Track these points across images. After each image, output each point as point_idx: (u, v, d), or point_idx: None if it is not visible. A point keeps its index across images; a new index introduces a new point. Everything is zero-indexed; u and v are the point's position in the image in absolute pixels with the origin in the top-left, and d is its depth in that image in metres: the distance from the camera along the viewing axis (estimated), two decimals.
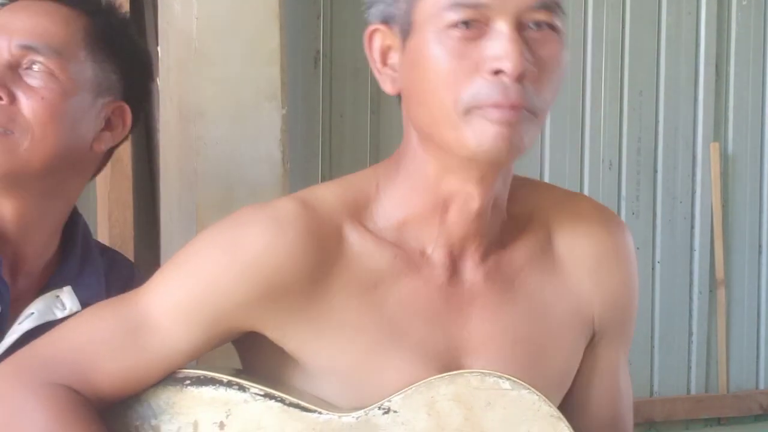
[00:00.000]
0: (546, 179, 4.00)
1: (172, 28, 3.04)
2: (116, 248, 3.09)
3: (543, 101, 1.21)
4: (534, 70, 1.18)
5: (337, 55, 3.64)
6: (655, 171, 4.20)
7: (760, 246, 4.39)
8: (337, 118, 3.71)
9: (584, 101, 4.07)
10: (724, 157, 4.30)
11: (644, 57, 4.14)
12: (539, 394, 1.22)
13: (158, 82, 3.13)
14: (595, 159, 4.10)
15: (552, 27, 1.21)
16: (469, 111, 1.19)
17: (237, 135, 3.04)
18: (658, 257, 4.21)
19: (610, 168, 4.12)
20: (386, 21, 1.27)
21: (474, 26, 1.19)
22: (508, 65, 1.17)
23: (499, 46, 1.18)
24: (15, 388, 1.22)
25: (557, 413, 1.22)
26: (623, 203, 4.15)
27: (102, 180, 3.14)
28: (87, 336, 1.26)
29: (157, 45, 3.13)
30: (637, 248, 4.15)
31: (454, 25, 1.19)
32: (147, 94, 1.80)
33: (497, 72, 1.17)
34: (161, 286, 1.27)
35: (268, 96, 3.06)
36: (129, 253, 3.10)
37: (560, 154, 4.04)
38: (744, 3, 4.30)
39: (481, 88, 1.18)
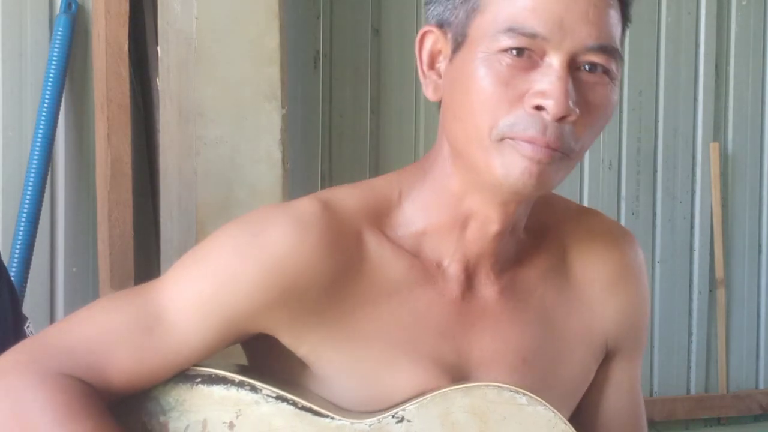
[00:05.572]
0: None
1: (172, 28, 3.04)
2: (116, 248, 3.12)
3: (580, 145, 1.18)
4: (577, 112, 1.15)
5: (337, 55, 3.63)
6: (655, 171, 4.20)
7: (759, 246, 4.39)
8: (337, 118, 3.71)
9: None
10: (724, 157, 4.30)
11: (644, 57, 4.14)
12: (555, 411, 1.19)
13: (158, 82, 3.13)
14: (595, 159, 4.10)
15: (606, 71, 1.19)
16: (502, 140, 1.16)
17: (237, 135, 3.03)
18: (658, 257, 4.21)
19: (610, 168, 4.12)
20: (441, 25, 1.24)
21: (526, 55, 1.16)
22: (551, 104, 1.13)
23: (547, 81, 1.14)
24: (25, 376, 1.19)
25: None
26: (623, 203, 4.15)
27: (102, 180, 3.14)
28: (100, 327, 1.23)
29: (157, 45, 3.13)
30: None
31: (506, 51, 1.16)
32: None
33: (539, 108, 1.15)
34: (180, 282, 1.24)
35: (268, 96, 3.06)
36: (129, 252, 3.10)
37: None
38: (744, 3, 4.30)
39: (519, 120, 1.15)
